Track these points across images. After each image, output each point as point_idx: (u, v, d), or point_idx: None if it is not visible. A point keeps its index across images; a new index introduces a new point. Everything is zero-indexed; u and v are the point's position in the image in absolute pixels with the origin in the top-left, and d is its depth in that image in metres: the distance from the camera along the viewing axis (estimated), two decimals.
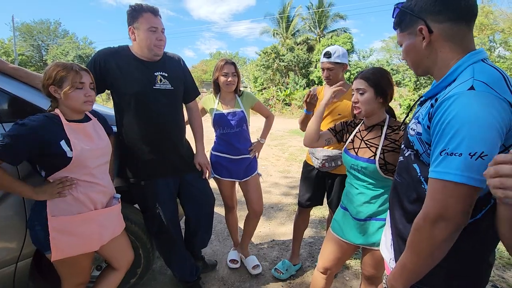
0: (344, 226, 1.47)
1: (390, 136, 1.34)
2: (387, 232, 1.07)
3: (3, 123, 1.34)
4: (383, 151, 1.32)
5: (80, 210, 1.29)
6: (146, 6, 1.57)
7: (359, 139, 1.43)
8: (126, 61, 1.64)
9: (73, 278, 1.38)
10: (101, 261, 1.89)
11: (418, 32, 0.83)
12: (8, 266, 1.36)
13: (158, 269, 2.26)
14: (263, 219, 3.15)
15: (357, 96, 1.36)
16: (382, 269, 1.44)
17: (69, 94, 1.24)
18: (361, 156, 1.37)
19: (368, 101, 1.34)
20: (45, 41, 35.37)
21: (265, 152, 6.83)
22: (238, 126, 2.05)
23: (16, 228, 1.34)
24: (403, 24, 0.88)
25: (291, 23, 25.87)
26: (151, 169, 1.72)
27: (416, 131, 0.83)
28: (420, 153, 0.83)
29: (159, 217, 1.77)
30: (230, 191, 2.25)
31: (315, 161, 2.01)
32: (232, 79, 1.99)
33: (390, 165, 1.30)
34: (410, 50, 0.88)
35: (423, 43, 0.83)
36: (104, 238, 1.39)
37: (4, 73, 1.43)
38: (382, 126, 1.38)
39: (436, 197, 0.72)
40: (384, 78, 1.35)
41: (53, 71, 1.24)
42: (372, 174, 1.34)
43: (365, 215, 1.38)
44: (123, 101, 1.66)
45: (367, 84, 1.33)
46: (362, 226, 1.40)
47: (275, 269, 2.20)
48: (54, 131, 1.22)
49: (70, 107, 1.29)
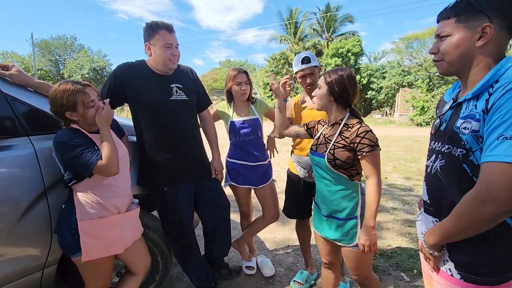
0: (316, 220, 1.59)
1: (343, 134, 1.39)
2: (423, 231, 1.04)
3: (30, 136, 1.42)
4: (334, 147, 1.38)
5: (104, 214, 1.36)
6: (161, 24, 1.65)
7: (322, 136, 1.50)
8: (144, 74, 1.72)
9: (96, 282, 1.44)
10: (121, 268, 1.93)
11: (479, 29, 0.83)
12: (36, 272, 1.42)
13: (175, 275, 2.29)
14: (277, 225, 3.14)
15: (316, 90, 1.47)
16: (362, 270, 1.48)
17: (86, 114, 1.31)
18: (317, 152, 1.45)
19: (320, 96, 1.44)
20: (62, 56, 36.86)
21: (277, 158, 6.80)
22: (254, 133, 2.08)
23: (42, 236, 1.41)
24: (464, 16, 0.85)
25: (299, 29, 25.98)
26: (173, 176, 1.79)
27: (472, 129, 0.84)
28: (473, 150, 0.85)
29: (178, 223, 1.82)
30: (247, 198, 2.26)
31: (301, 171, 1.98)
32: (245, 87, 2.03)
33: (338, 160, 1.36)
34: (460, 44, 0.87)
35: (479, 42, 0.84)
36: (126, 241, 1.45)
37: (31, 88, 1.51)
38: (340, 124, 1.43)
39: (490, 179, 0.75)
40: (340, 78, 1.38)
41: (61, 98, 1.27)
42: (325, 169, 1.41)
43: (327, 212, 1.46)
44: (142, 112, 1.73)
45: (324, 81, 1.42)
46: (327, 222, 1.49)
47: (294, 281, 2.16)
48: (85, 139, 1.32)
49: (88, 124, 1.37)
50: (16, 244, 1.35)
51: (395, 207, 3.74)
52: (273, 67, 22.66)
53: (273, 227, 3.07)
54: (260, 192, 2.17)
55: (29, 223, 1.36)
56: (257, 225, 2.23)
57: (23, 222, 1.33)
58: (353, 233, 1.40)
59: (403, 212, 3.59)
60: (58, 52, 36.80)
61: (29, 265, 1.39)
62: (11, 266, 1.33)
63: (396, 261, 2.43)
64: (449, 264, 0.94)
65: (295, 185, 2.07)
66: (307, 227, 2.22)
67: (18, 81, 1.45)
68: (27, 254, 1.38)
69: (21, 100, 1.41)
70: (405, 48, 24.43)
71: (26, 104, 1.42)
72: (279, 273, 2.32)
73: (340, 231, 1.43)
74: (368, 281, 1.51)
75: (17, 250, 1.36)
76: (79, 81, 1.34)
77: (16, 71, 1.44)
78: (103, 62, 34.92)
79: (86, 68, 32.90)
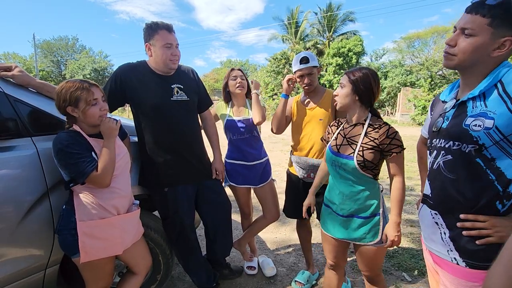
0: (328, 223, 1.54)
1: (370, 134, 1.37)
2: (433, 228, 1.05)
3: (32, 136, 1.43)
4: (362, 148, 1.36)
5: (104, 215, 1.36)
6: (161, 24, 1.65)
7: (342, 137, 1.47)
8: (145, 75, 1.73)
9: (97, 282, 1.44)
10: (122, 268, 1.94)
11: (502, 40, 0.87)
12: (38, 272, 1.43)
13: (177, 275, 2.30)
14: (278, 225, 3.14)
15: (338, 89, 1.44)
16: (375, 267, 1.49)
17: (86, 112, 1.32)
18: (342, 153, 1.41)
19: (344, 95, 1.41)
20: (63, 57, 37.01)
21: (278, 158, 6.84)
22: (249, 132, 2.08)
23: (45, 237, 1.42)
24: (498, 21, 0.85)
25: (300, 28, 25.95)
26: (173, 176, 1.79)
27: (484, 126, 0.88)
28: (486, 146, 0.88)
29: (179, 223, 1.83)
30: (246, 198, 2.27)
31: (300, 171, 1.99)
32: (241, 81, 2.05)
33: (368, 162, 1.34)
34: (480, 49, 0.89)
35: (495, 52, 0.88)
36: (126, 242, 1.45)
37: (32, 88, 1.51)
38: (364, 124, 1.41)
39: None
40: (366, 78, 1.37)
41: (66, 93, 1.29)
42: (351, 170, 1.38)
43: (347, 212, 1.43)
44: (143, 112, 1.73)
45: (347, 80, 1.40)
46: (345, 222, 1.45)
47: (295, 281, 2.15)
48: (84, 145, 1.32)
49: (88, 123, 1.36)
50: (18, 244, 1.36)
51: None
52: (274, 67, 22.64)
53: (274, 227, 3.07)
54: (260, 192, 2.17)
55: (32, 223, 1.36)
56: (258, 225, 2.23)
57: (25, 222, 1.34)
58: (376, 230, 1.40)
59: (404, 212, 3.57)
60: (59, 53, 36.97)
61: (31, 265, 1.40)
62: (14, 266, 1.34)
63: (398, 261, 2.43)
64: (453, 254, 0.98)
65: (295, 185, 2.08)
66: (308, 227, 2.22)
67: (21, 81, 1.46)
68: (30, 254, 1.39)
69: (24, 101, 1.42)
70: (406, 48, 24.37)
71: (28, 105, 1.43)
72: (281, 273, 2.33)
73: (362, 229, 1.41)
74: (379, 277, 1.53)
75: (19, 250, 1.36)
76: (87, 80, 1.36)
77: (19, 72, 1.45)
78: (105, 63, 35.00)
79: (87, 68, 32.98)
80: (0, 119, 1.36)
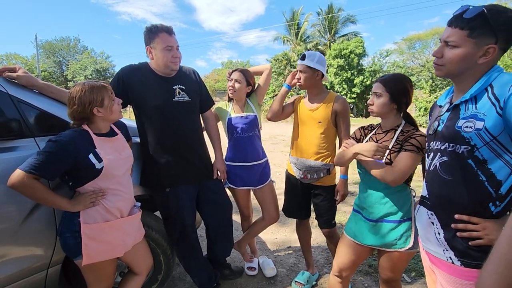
0: (356, 228, 1.50)
1: (399, 139, 1.37)
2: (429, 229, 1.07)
3: (35, 137, 1.44)
4: (390, 152, 1.35)
5: (108, 218, 1.37)
6: (161, 27, 1.67)
7: (374, 141, 1.46)
8: (147, 76, 1.75)
9: (99, 283, 1.45)
10: (124, 268, 1.95)
11: (485, 48, 0.90)
12: (40, 272, 1.45)
13: (177, 275, 2.31)
14: (278, 226, 3.15)
15: (373, 98, 1.42)
16: (399, 271, 1.47)
17: (112, 108, 1.36)
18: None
19: (381, 105, 1.40)
20: (65, 57, 37.11)
21: (278, 159, 6.84)
22: (251, 130, 2.08)
23: (47, 237, 1.43)
24: (477, 32, 0.90)
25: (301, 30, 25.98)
26: (175, 177, 1.80)
27: (475, 127, 0.91)
28: (477, 147, 0.91)
29: (180, 224, 1.84)
30: (246, 200, 2.27)
31: (297, 172, 2.00)
32: (233, 84, 2.05)
33: None
34: (465, 58, 0.93)
35: (481, 60, 0.91)
36: (127, 245, 1.46)
37: (36, 90, 1.53)
38: (396, 130, 1.41)
39: None
40: (402, 86, 1.37)
41: (90, 94, 1.29)
42: None
43: (377, 216, 1.41)
44: (146, 113, 1.75)
45: (384, 89, 1.38)
46: (374, 227, 1.43)
47: (295, 282, 2.16)
48: (82, 146, 1.30)
49: (112, 119, 1.40)
50: (21, 243, 1.37)
51: None
52: (275, 68, 22.65)
53: (274, 228, 3.08)
54: (259, 194, 2.17)
55: (34, 223, 1.38)
56: (257, 227, 2.24)
57: (28, 222, 1.36)
58: (407, 235, 1.37)
59: None
60: (61, 53, 37.07)
61: (33, 265, 1.41)
62: (17, 265, 1.36)
63: None
64: (449, 253, 0.99)
65: (294, 186, 2.10)
66: (307, 227, 2.24)
67: (25, 82, 1.47)
68: (32, 253, 1.40)
69: (27, 102, 1.44)
70: (407, 49, 24.37)
71: (32, 106, 1.45)
72: (281, 273, 2.33)
73: (393, 235, 1.38)
74: (399, 282, 1.52)
75: (22, 250, 1.38)
76: (96, 80, 1.39)
77: (23, 73, 1.47)
78: (106, 64, 35.12)
79: (89, 69, 33.10)
80: (4, 119, 1.38)
